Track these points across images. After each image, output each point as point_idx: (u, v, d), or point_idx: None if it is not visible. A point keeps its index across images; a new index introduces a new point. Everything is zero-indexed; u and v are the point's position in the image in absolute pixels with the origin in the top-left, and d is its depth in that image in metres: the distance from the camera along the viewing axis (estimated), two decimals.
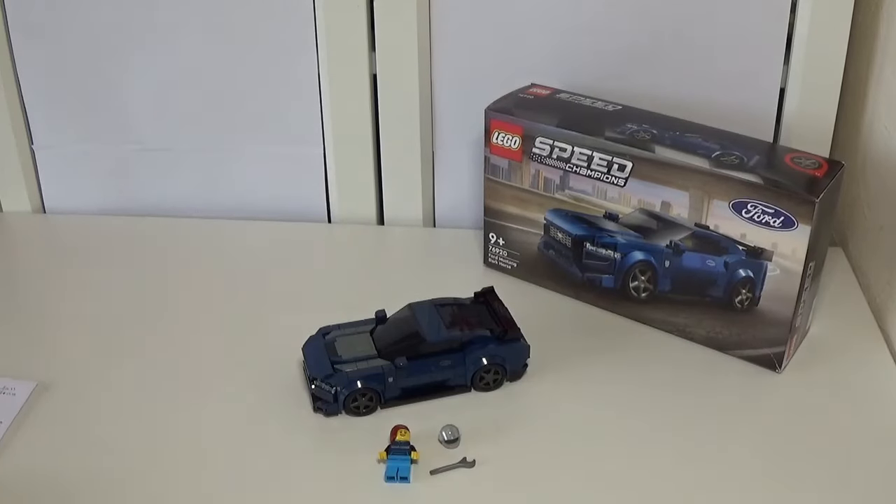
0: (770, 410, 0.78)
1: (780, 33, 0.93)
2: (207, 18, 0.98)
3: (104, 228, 1.05)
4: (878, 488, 0.71)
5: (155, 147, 1.05)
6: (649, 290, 0.86)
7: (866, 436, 0.76)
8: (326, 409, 0.77)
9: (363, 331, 0.81)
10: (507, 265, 0.95)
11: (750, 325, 0.82)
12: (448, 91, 0.99)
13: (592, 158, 0.84)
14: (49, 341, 0.87)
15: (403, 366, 0.76)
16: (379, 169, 1.04)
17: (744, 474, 0.72)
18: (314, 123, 1.02)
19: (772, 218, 0.77)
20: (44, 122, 1.05)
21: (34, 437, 0.75)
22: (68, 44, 1.00)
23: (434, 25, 0.96)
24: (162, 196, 1.07)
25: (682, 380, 0.82)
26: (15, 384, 0.80)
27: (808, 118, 0.96)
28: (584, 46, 0.96)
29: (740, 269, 0.81)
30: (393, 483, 0.71)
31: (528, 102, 0.89)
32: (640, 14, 0.94)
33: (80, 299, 0.93)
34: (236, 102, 1.02)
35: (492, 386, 0.80)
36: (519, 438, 0.75)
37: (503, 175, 0.90)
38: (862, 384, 0.81)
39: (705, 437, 0.76)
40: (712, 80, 0.96)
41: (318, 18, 0.96)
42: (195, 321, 0.89)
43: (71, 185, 1.08)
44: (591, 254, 0.88)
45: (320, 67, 0.99)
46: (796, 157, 0.80)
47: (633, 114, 0.87)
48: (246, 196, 1.07)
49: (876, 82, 0.94)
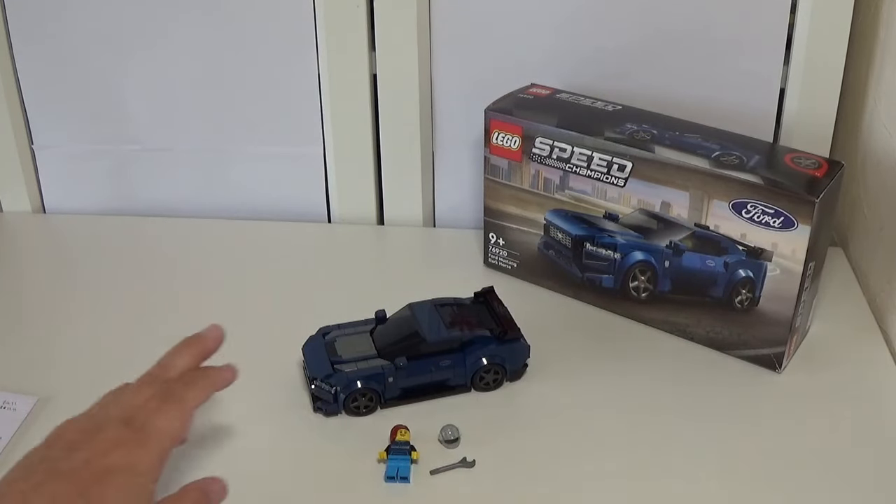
0: (770, 410, 0.78)
1: (780, 33, 0.93)
2: (207, 18, 0.98)
3: (104, 228, 1.05)
4: (878, 488, 0.71)
5: (155, 147, 1.05)
6: (649, 290, 0.86)
7: (866, 436, 0.76)
8: (326, 409, 0.77)
9: (363, 331, 0.81)
10: (507, 265, 0.95)
11: (750, 325, 0.82)
12: (448, 91, 0.99)
13: (592, 159, 0.84)
14: (49, 348, 0.86)
15: (403, 366, 0.76)
16: (379, 169, 1.04)
17: (744, 474, 0.72)
18: (314, 123, 1.02)
19: (772, 218, 0.77)
20: (44, 122, 1.05)
21: None
22: (68, 44, 1.00)
23: (434, 25, 0.96)
24: (162, 196, 1.07)
25: (682, 380, 0.82)
26: (15, 398, 0.78)
27: (808, 118, 0.96)
28: (584, 46, 0.96)
29: (740, 269, 0.81)
30: (393, 483, 0.71)
31: (528, 102, 0.89)
32: (639, 14, 0.94)
33: (80, 300, 0.93)
34: (236, 102, 1.02)
35: (492, 386, 0.80)
36: (519, 438, 0.75)
37: (503, 175, 0.90)
38: (862, 384, 0.81)
39: (705, 437, 0.76)
40: (712, 80, 0.96)
41: (318, 18, 0.96)
42: (194, 321, 0.88)
43: (71, 185, 1.08)
44: (591, 254, 0.88)
45: (320, 67, 0.99)
46: (796, 157, 0.80)
47: (632, 114, 0.87)
48: (246, 196, 1.07)
49: (876, 82, 0.94)
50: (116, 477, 0.56)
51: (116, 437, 0.58)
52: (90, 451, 0.57)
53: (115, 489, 0.56)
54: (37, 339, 0.87)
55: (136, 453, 0.58)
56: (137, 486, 0.57)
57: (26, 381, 0.80)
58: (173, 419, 0.61)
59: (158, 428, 0.60)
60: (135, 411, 0.60)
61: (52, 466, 0.56)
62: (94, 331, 0.88)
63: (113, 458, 0.57)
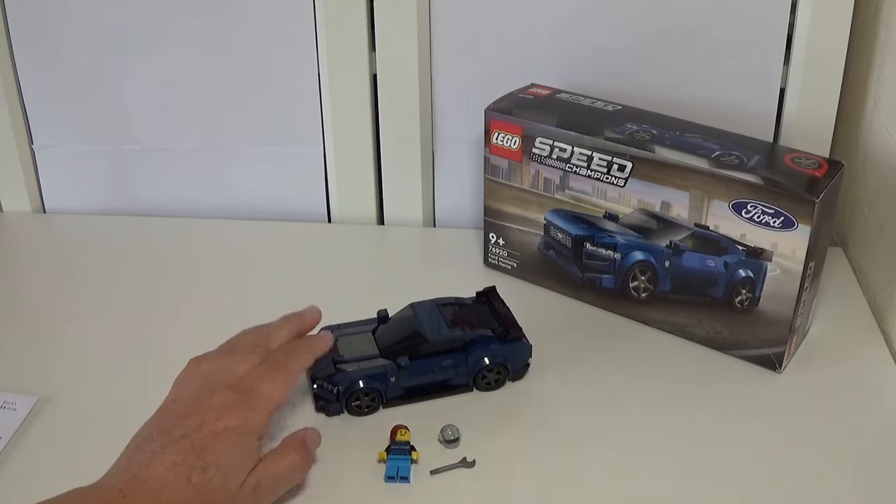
0: (770, 410, 0.78)
1: (780, 33, 0.93)
2: (208, 18, 0.98)
3: (104, 228, 1.05)
4: (878, 488, 0.71)
5: (155, 147, 1.05)
6: (649, 290, 0.86)
7: (866, 436, 0.76)
8: (328, 408, 0.77)
9: (365, 330, 0.81)
10: (507, 265, 0.95)
11: (750, 325, 0.82)
12: (448, 91, 0.99)
13: (592, 158, 0.84)
14: (49, 348, 0.86)
15: (406, 365, 0.76)
16: (379, 169, 1.04)
17: (744, 474, 0.72)
18: (314, 123, 1.02)
19: (772, 218, 0.77)
20: (44, 122, 1.05)
21: (34, 453, 0.74)
22: (68, 44, 1.00)
23: (434, 25, 0.96)
24: (162, 196, 1.07)
25: (681, 380, 0.82)
26: (15, 399, 0.78)
27: (808, 118, 0.96)
28: (583, 46, 0.96)
29: (740, 269, 0.81)
30: (393, 483, 0.71)
31: (528, 102, 0.89)
32: (639, 14, 0.94)
33: (80, 300, 0.93)
34: (236, 102, 1.02)
35: (493, 385, 0.80)
36: (519, 438, 0.75)
37: (503, 175, 0.90)
38: (862, 384, 0.81)
39: (705, 437, 0.76)
40: (712, 80, 0.96)
41: (318, 19, 0.96)
42: (195, 321, 0.89)
43: (71, 185, 1.08)
44: (591, 254, 0.88)
45: (320, 67, 0.99)
46: (796, 157, 0.80)
47: (632, 114, 0.87)
48: (246, 196, 1.07)
49: (876, 82, 0.94)
50: (228, 434, 0.64)
51: (227, 401, 0.66)
52: (203, 415, 0.65)
53: (227, 445, 0.64)
54: (37, 339, 0.87)
55: (245, 414, 0.65)
56: (246, 443, 0.65)
57: (26, 381, 0.80)
58: (278, 384, 0.69)
59: (265, 392, 0.67)
60: (242, 378, 0.68)
61: (167, 434, 0.63)
62: (94, 331, 0.88)
63: (225, 420, 0.64)
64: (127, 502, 0.60)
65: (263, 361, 0.70)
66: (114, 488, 0.61)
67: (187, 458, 0.62)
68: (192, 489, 0.61)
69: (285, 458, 0.67)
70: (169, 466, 0.61)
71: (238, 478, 0.64)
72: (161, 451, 0.62)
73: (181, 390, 0.68)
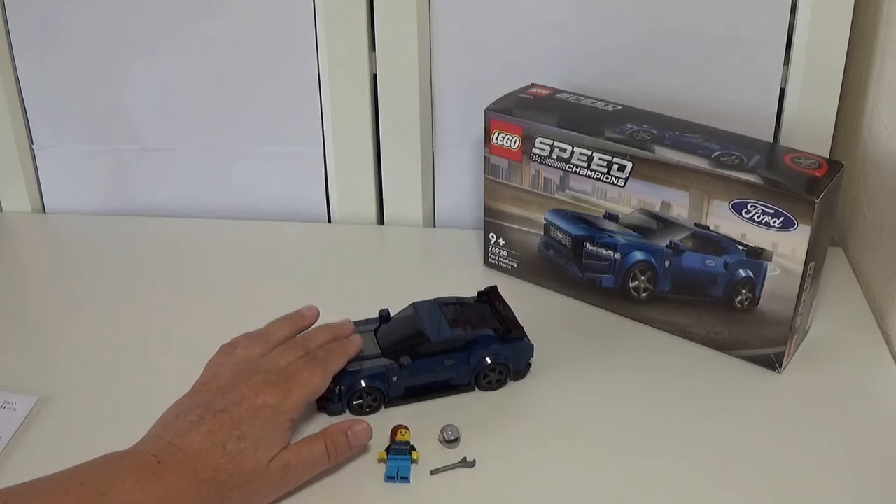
0: (770, 410, 0.79)
1: (780, 33, 0.93)
2: (207, 18, 0.98)
3: (104, 228, 1.05)
4: (878, 488, 0.71)
5: (155, 147, 1.05)
6: (649, 290, 0.87)
7: (866, 435, 0.76)
8: (330, 408, 0.77)
9: (367, 330, 0.81)
10: (507, 265, 0.95)
11: (750, 325, 0.82)
12: (448, 91, 0.99)
13: (592, 158, 0.84)
14: (50, 348, 0.86)
15: (408, 365, 0.76)
16: (379, 169, 1.04)
17: (744, 474, 0.72)
18: (314, 123, 1.02)
19: (772, 218, 0.77)
20: (44, 122, 1.05)
21: (34, 453, 0.74)
22: (68, 44, 1.00)
23: (434, 25, 0.96)
24: (162, 196, 1.07)
25: (682, 380, 0.82)
26: (16, 399, 0.78)
27: (808, 118, 0.96)
28: (584, 46, 0.96)
29: (740, 269, 0.81)
30: (393, 483, 0.71)
31: (528, 102, 0.89)
32: (639, 14, 0.94)
33: (80, 300, 0.93)
34: (236, 102, 1.02)
35: (495, 385, 0.80)
36: (520, 438, 0.75)
37: (503, 175, 0.90)
38: (862, 384, 0.81)
39: (705, 437, 0.76)
40: (712, 80, 0.96)
41: (318, 18, 0.96)
42: (196, 322, 0.89)
43: (71, 185, 1.08)
44: (591, 254, 0.88)
45: (320, 67, 0.99)
46: (796, 157, 0.80)
47: (632, 114, 0.87)
48: (246, 196, 1.07)
49: (876, 82, 0.94)
50: (265, 410, 0.67)
51: (266, 381, 0.69)
52: (243, 391, 0.68)
53: (263, 420, 0.67)
54: (37, 339, 0.87)
55: (283, 394, 0.69)
56: (281, 422, 0.68)
57: (26, 381, 0.80)
58: (316, 376, 0.72)
59: (303, 379, 0.71)
60: (283, 367, 0.72)
61: (206, 407, 0.67)
62: (95, 331, 0.88)
63: (264, 396, 0.68)
64: (162, 468, 0.62)
65: (302, 357, 0.73)
66: (148, 454, 0.63)
67: (224, 427, 0.65)
68: (228, 457, 0.64)
69: (319, 444, 0.69)
70: (206, 435, 0.64)
71: (269, 452, 0.66)
72: (199, 421, 0.65)
73: (218, 370, 0.72)
